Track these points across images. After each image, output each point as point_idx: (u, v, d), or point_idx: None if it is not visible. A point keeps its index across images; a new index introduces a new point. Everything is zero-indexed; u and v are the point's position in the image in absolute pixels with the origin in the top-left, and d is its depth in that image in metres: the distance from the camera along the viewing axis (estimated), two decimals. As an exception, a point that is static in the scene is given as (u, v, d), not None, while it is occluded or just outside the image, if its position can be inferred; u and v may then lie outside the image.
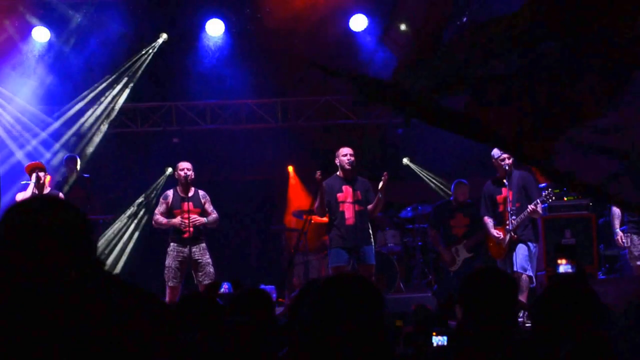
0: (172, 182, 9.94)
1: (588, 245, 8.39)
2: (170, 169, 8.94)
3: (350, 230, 8.61)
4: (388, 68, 11.51)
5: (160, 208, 8.85)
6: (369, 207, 8.69)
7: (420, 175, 13.56)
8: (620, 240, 8.42)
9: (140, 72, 11.93)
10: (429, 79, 3.02)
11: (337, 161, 8.77)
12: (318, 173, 8.42)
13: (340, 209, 8.67)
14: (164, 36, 11.81)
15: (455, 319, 5.55)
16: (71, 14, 10.99)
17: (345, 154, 8.69)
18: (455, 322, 5.41)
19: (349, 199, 8.66)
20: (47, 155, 11.61)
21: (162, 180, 12.69)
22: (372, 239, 8.64)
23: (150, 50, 11.83)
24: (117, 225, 12.51)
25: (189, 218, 8.65)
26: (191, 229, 8.66)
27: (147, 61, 11.85)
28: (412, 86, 3.10)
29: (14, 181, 9.62)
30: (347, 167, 8.63)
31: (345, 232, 8.61)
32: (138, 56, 11.84)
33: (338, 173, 8.78)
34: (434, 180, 13.37)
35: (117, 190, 12.81)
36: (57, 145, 11.78)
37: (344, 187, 8.69)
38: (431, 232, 10.11)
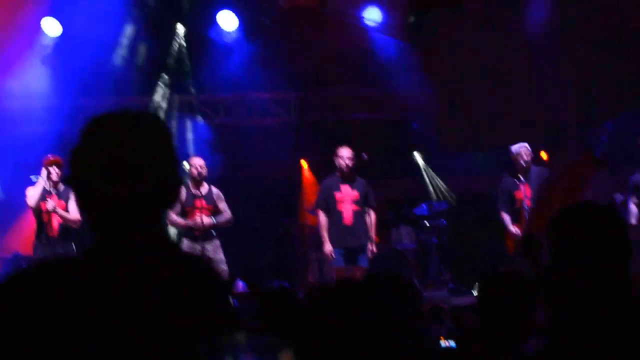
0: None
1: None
2: (186, 164, 8.93)
3: (348, 230, 8.60)
4: (401, 61, 11.36)
5: (175, 207, 8.70)
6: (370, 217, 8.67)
7: (422, 171, 13.38)
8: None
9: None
10: None
11: (336, 161, 8.71)
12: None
13: (338, 208, 8.66)
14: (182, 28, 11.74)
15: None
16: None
17: (342, 157, 8.66)
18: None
19: (347, 199, 8.65)
20: None
21: None
22: (371, 240, 8.59)
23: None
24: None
25: (201, 217, 8.55)
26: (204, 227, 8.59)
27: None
28: None
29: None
30: (345, 170, 8.64)
31: (343, 232, 8.59)
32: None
33: (337, 173, 8.74)
34: (433, 179, 13.18)
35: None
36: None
37: (342, 187, 8.68)
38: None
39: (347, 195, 8.66)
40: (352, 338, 2.31)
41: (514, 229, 8.66)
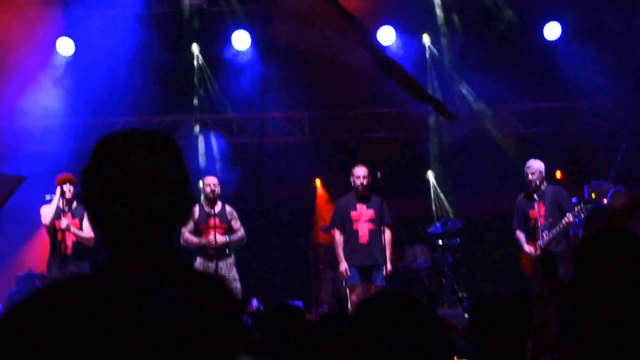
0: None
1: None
2: (201, 183, 8.99)
3: (364, 248, 8.60)
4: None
5: (188, 225, 8.69)
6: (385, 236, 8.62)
7: (431, 190, 13.30)
8: None
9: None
10: None
11: (351, 180, 8.76)
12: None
13: (354, 227, 8.69)
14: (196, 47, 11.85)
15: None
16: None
17: (358, 176, 8.69)
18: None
19: (363, 218, 8.68)
20: None
21: None
22: (386, 259, 8.55)
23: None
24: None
25: (215, 235, 8.53)
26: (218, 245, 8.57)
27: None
28: None
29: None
30: (360, 188, 8.68)
31: (359, 251, 8.61)
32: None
33: (352, 192, 8.79)
34: (439, 200, 13.10)
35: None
36: None
37: (358, 206, 8.71)
38: None
39: (362, 214, 8.68)
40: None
41: (528, 247, 8.61)
